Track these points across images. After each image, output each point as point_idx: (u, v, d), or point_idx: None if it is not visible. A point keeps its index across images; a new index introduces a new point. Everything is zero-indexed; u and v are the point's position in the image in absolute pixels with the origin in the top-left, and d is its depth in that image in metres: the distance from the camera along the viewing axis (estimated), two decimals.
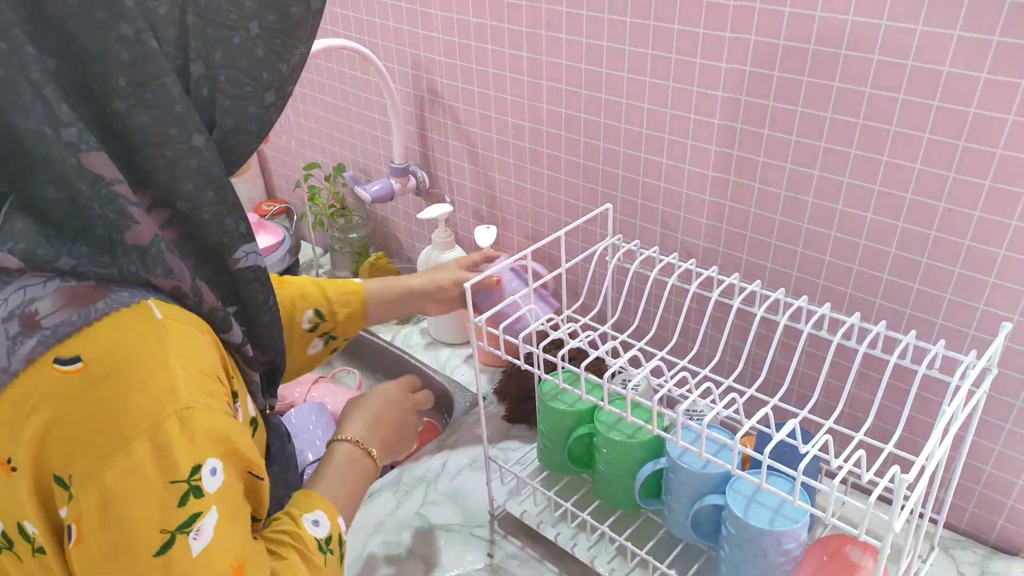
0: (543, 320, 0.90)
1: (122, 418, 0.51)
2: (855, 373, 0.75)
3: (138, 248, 0.53)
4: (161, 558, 0.52)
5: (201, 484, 0.53)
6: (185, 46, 0.54)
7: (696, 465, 0.81)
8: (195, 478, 0.53)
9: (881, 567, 0.62)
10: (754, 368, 0.82)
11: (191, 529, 0.53)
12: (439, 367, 1.29)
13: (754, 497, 0.77)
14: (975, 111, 0.73)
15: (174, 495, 0.52)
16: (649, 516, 0.94)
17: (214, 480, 0.54)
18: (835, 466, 0.64)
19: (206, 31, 0.54)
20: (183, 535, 0.52)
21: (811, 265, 0.91)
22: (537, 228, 1.22)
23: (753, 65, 0.85)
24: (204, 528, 0.53)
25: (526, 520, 0.95)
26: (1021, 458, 0.85)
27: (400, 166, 1.32)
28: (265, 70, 0.56)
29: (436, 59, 1.21)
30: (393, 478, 1.06)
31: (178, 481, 0.52)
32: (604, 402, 0.76)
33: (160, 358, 0.52)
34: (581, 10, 0.98)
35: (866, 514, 0.59)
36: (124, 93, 0.51)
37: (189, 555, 0.53)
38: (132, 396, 0.51)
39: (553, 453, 0.96)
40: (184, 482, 0.52)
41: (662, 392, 0.73)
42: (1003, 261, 0.78)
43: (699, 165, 0.96)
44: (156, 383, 0.52)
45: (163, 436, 0.51)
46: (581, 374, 0.77)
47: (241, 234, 0.59)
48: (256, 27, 0.55)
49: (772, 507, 0.75)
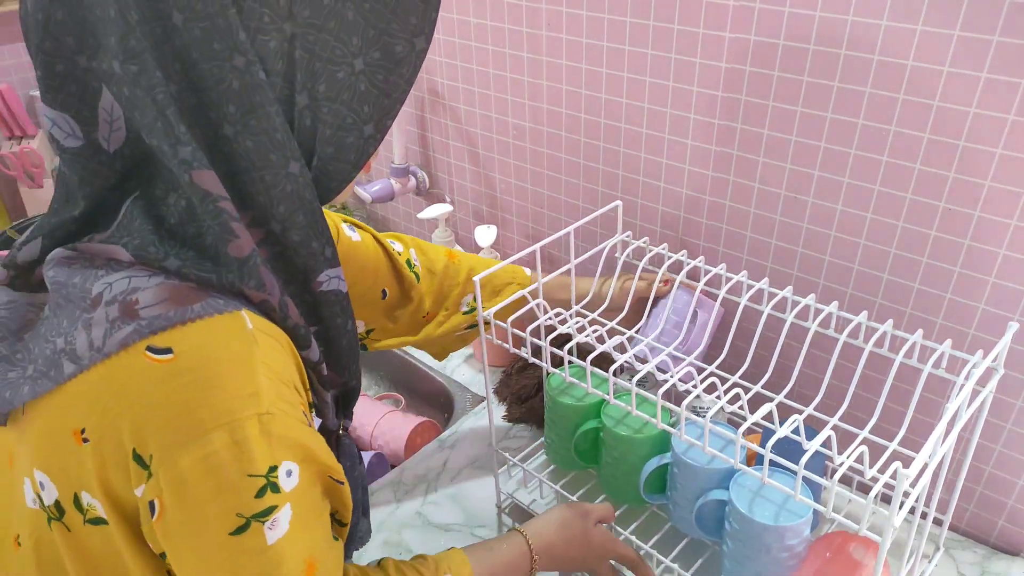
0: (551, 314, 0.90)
1: (204, 409, 0.53)
2: (860, 371, 0.75)
3: (237, 260, 0.56)
4: (236, 537, 0.55)
5: (278, 482, 0.55)
6: (292, 78, 0.57)
7: (701, 460, 0.81)
8: (272, 475, 0.55)
9: (881, 561, 0.62)
10: (760, 366, 0.82)
11: (267, 519, 0.55)
12: (439, 367, 1.29)
13: (758, 492, 0.77)
14: (975, 111, 0.73)
15: (251, 486, 0.54)
16: (654, 511, 0.95)
17: (290, 480, 0.57)
18: (837, 462, 0.64)
19: (313, 65, 0.57)
20: (258, 523, 0.55)
21: (811, 265, 0.91)
22: (537, 228, 1.22)
23: (753, 65, 0.86)
24: (279, 521, 0.56)
25: (534, 511, 0.96)
26: (1021, 458, 0.85)
27: (400, 166, 1.32)
28: (367, 104, 0.59)
29: (436, 59, 1.21)
30: (393, 477, 1.06)
31: (255, 475, 0.54)
32: (610, 396, 0.76)
33: (247, 364, 0.55)
34: (581, 10, 0.98)
35: (867, 509, 0.60)
36: (233, 119, 0.55)
37: (264, 541, 0.55)
38: (216, 392, 0.53)
39: (560, 448, 0.97)
40: (262, 477, 0.55)
41: (666, 387, 0.74)
42: (1003, 261, 0.78)
43: (699, 165, 0.96)
44: (240, 385, 0.54)
45: (242, 433, 0.53)
46: (587, 369, 0.77)
47: (326, 258, 0.62)
48: (361, 63, 0.58)
49: (776, 502, 0.76)
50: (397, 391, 1.37)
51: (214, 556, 0.56)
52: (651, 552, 0.85)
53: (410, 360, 1.32)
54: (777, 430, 0.67)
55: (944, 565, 0.89)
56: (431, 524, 0.98)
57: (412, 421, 1.17)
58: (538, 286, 0.94)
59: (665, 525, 0.91)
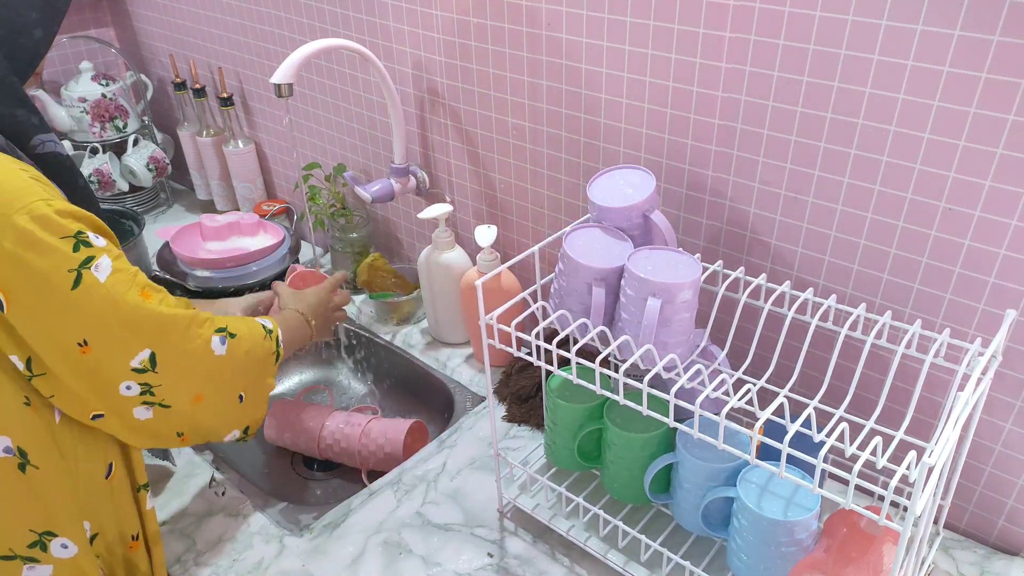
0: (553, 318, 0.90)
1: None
2: (863, 363, 0.76)
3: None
4: (75, 291, 0.72)
5: (88, 240, 0.73)
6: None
7: (707, 458, 0.81)
8: (81, 236, 0.72)
9: (902, 548, 0.62)
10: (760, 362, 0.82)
11: (91, 265, 0.72)
12: (439, 367, 1.29)
13: (766, 488, 0.78)
14: (975, 111, 0.73)
15: (67, 245, 0.71)
16: (658, 510, 0.95)
17: (99, 241, 0.74)
18: (849, 454, 0.65)
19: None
20: (86, 270, 0.72)
21: (811, 265, 0.91)
22: (537, 228, 1.22)
23: (753, 65, 0.86)
24: (102, 265, 0.73)
25: (537, 515, 0.96)
26: (1021, 458, 0.85)
27: (400, 166, 1.32)
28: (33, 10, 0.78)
29: (436, 59, 1.21)
30: (393, 478, 1.06)
31: (67, 236, 0.71)
32: (620, 395, 0.76)
33: (9, 169, 0.72)
34: (581, 10, 0.98)
35: (887, 499, 0.61)
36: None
37: (96, 280, 0.73)
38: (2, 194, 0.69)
39: (562, 448, 0.97)
40: (72, 237, 0.71)
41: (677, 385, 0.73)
42: (1003, 261, 0.78)
43: (699, 165, 0.96)
44: (11, 184, 0.70)
45: (38, 211, 0.70)
46: (596, 369, 0.77)
47: (34, 125, 0.79)
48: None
49: (784, 497, 0.77)
50: (397, 390, 1.37)
51: (68, 313, 0.72)
52: (661, 550, 0.85)
53: (410, 360, 1.32)
54: (788, 424, 0.67)
55: (944, 565, 0.89)
56: (431, 524, 0.98)
57: (403, 424, 1.17)
58: (537, 287, 0.94)
59: (670, 524, 0.91)
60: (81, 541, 0.79)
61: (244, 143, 1.70)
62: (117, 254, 0.76)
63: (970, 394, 0.67)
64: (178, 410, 0.82)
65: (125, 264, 0.76)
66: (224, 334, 0.85)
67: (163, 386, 0.79)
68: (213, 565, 0.94)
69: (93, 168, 1.74)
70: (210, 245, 1.48)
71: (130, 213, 1.58)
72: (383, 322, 1.40)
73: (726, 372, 0.83)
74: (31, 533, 0.76)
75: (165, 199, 1.94)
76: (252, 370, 0.90)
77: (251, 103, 1.69)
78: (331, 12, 1.35)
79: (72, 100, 1.76)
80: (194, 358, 0.82)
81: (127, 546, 0.86)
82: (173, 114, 1.93)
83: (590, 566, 0.91)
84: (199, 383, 0.83)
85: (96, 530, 0.82)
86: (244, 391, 0.89)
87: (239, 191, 1.76)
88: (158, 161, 1.81)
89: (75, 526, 0.79)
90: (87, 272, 0.72)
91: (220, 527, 1.00)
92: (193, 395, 0.83)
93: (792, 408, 0.90)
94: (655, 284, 0.78)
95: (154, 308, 0.77)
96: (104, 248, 0.74)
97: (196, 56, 1.74)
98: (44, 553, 0.77)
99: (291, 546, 0.96)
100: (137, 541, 0.87)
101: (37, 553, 0.76)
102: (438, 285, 1.27)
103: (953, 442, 0.64)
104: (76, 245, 0.71)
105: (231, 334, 0.86)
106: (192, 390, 0.82)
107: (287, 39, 1.47)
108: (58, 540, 0.77)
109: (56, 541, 0.77)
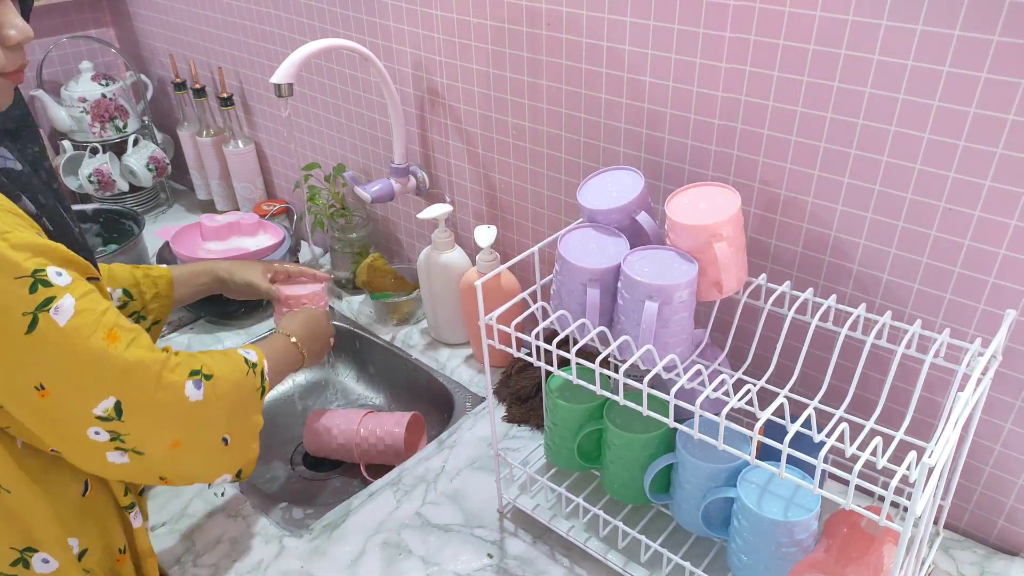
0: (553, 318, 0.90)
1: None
2: (863, 363, 0.76)
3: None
4: (31, 335, 0.66)
5: (48, 278, 0.67)
6: None
7: (707, 458, 0.81)
8: (40, 275, 0.66)
9: (902, 549, 0.62)
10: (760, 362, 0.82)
11: (49, 308, 0.67)
12: (439, 367, 1.29)
13: (766, 488, 0.78)
14: (975, 111, 0.73)
15: (22, 286, 0.65)
16: (658, 510, 0.95)
17: (62, 278, 0.68)
18: (849, 454, 0.65)
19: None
20: (43, 312, 0.66)
21: (811, 265, 0.91)
22: (537, 228, 1.22)
23: (753, 65, 0.85)
24: (63, 307, 0.68)
25: (537, 515, 0.96)
26: (1021, 458, 0.85)
27: (400, 166, 1.32)
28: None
29: (436, 59, 1.21)
30: (393, 478, 1.06)
31: (22, 276, 0.65)
32: (620, 396, 0.76)
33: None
34: (581, 10, 0.98)
35: (887, 499, 0.61)
36: None
37: (55, 325, 0.67)
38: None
39: (561, 449, 0.97)
40: (28, 276, 0.66)
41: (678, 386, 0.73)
42: (1003, 261, 0.78)
43: (699, 165, 0.96)
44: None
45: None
46: (596, 369, 0.77)
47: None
48: None
49: (784, 497, 0.77)
50: (397, 391, 1.37)
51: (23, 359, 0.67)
52: (660, 550, 0.85)
53: (410, 360, 1.32)
54: (788, 424, 0.67)
55: (944, 565, 0.89)
56: (431, 524, 0.98)
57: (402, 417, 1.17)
58: (537, 288, 0.94)
59: (670, 524, 0.91)
60: (64, 557, 0.78)
61: (244, 143, 1.70)
62: (84, 291, 0.70)
63: (970, 394, 0.67)
64: (154, 456, 0.77)
65: (93, 303, 0.71)
66: (199, 377, 0.79)
67: (131, 435, 0.74)
68: (212, 566, 0.94)
69: (93, 168, 1.74)
70: (210, 245, 1.48)
71: (130, 213, 1.58)
72: (383, 322, 1.40)
73: (726, 372, 0.83)
74: (12, 551, 0.75)
75: (165, 199, 1.95)
76: (235, 411, 0.84)
77: (251, 103, 1.69)
78: (331, 12, 1.35)
79: (72, 100, 1.76)
80: (165, 406, 0.76)
81: (115, 559, 0.85)
82: (173, 114, 1.93)
83: (590, 567, 0.91)
84: (174, 431, 0.78)
85: (85, 546, 0.81)
86: (229, 433, 0.83)
87: (239, 191, 1.76)
88: (158, 161, 1.81)
89: (57, 543, 0.78)
90: (44, 315, 0.66)
91: (219, 528, 1.00)
92: (169, 442, 0.78)
93: (792, 408, 0.90)
94: (651, 287, 0.78)
95: (118, 354, 0.71)
96: (67, 287, 0.68)
97: (196, 56, 1.75)
98: (27, 570, 0.76)
99: (290, 547, 0.96)
100: (124, 555, 0.85)
101: (19, 571, 0.76)
102: (438, 285, 1.27)
103: (953, 442, 0.64)
104: (33, 285, 0.66)
105: (206, 376, 0.80)
106: (167, 438, 0.77)
107: (287, 39, 1.47)
108: (39, 555, 0.76)
109: (37, 556, 0.76)
